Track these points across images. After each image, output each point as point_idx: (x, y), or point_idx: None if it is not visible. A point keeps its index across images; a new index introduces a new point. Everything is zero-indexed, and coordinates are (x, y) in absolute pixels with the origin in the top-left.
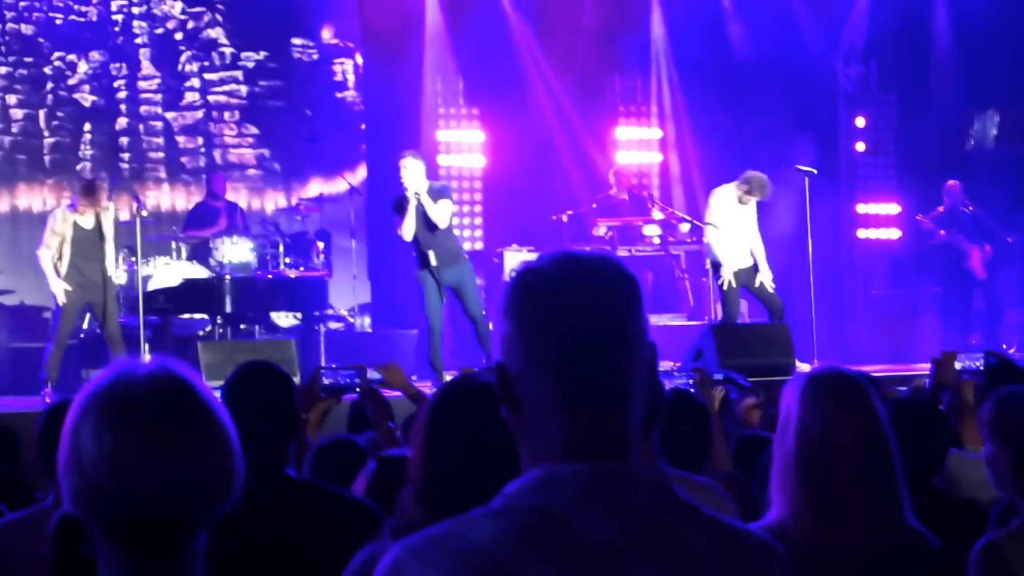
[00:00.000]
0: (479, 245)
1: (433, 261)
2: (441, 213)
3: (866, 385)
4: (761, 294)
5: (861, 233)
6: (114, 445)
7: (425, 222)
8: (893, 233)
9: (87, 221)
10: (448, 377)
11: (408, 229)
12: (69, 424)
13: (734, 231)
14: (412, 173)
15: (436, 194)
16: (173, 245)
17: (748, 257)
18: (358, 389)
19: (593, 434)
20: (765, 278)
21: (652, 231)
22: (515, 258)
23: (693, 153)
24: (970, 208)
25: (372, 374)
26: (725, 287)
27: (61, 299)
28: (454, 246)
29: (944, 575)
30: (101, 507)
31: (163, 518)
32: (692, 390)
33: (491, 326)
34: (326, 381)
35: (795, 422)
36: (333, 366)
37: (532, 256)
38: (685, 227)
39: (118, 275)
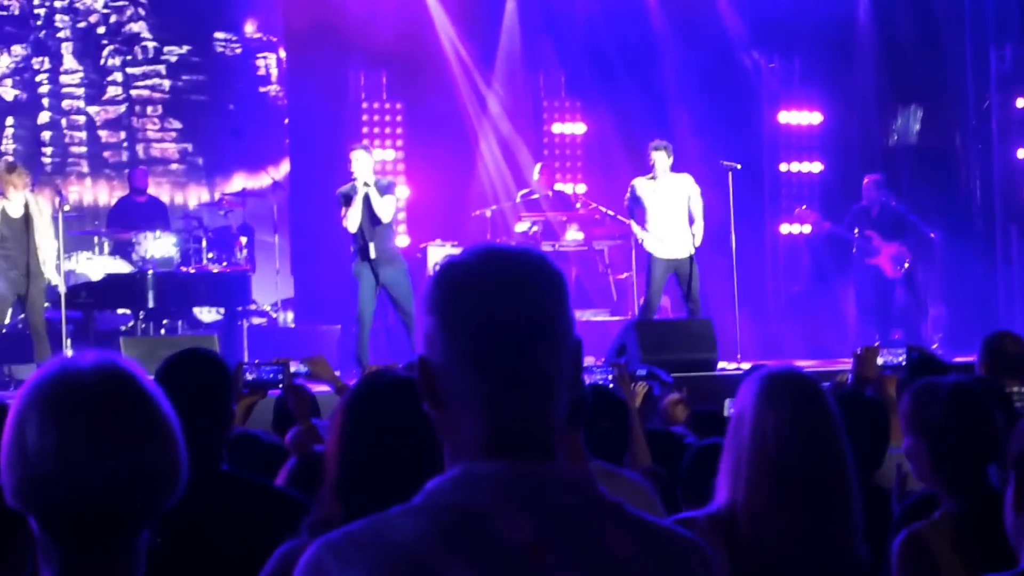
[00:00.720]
0: (403, 241)
1: (372, 254)
2: (386, 207)
3: (821, 388)
4: (687, 286)
5: (784, 228)
6: (59, 436)
7: (369, 215)
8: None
9: (14, 209)
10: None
11: (353, 220)
12: (13, 416)
13: (656, 220)
14: (362, 165)
15: (383, 189)
16: (95, 240)
17: (678, 248)
18: (280, 385)
19: (515, 431)
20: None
21: (575, 227)
22: (438, 253)
23: (617, 148)
24: (894, 203)
25: (298, 367)
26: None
27: None
28: (393, 246)
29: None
30: (45, 499)
31: (107, 511)
32: (611, 385)
33: None
34: (248, 377)
35: (749, 420)
36: (256, 361)
37: (456, 251)
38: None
39: (48, 268)
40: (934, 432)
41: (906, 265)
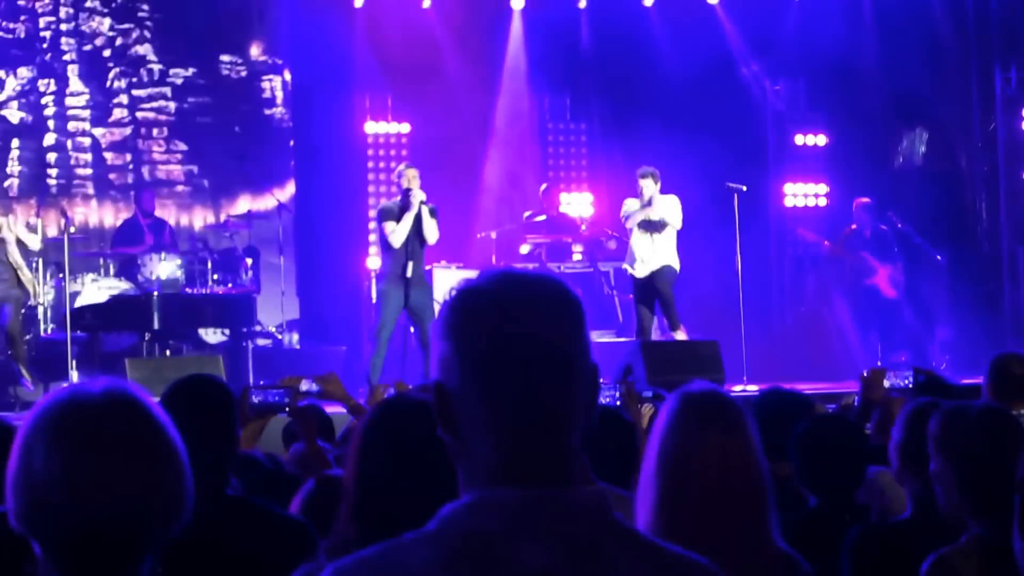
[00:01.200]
0: None
1: (409, 272)
2: (434, 229)
3: (738, 407)
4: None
5: (790, 249)
6: (67, 462)
7: (416, 234)
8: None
9: None
10: (381, 390)
11: (400, 235)
12: (20, 440)
13: (639, 241)
14: (417, 183)
15: (431, 212)
16: (101, 262)
17: (653, 265)
18: (287, 408)
19: (530, 458)
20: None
21: (580, 248)
22: (444, 275)
23: (622, 169)
24: (899, 225)
25: (310, 385)
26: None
27: None
28: (423, 271)
29: None
30: (51, 525)
31: (113, 538)
32: (619, 403)
33: None
34: (255, 400)
35: (659, 438)
36: (262, 383)
37: (462, 274)
38: (613, 244)
39: (45, 292)
40: (963, 456)
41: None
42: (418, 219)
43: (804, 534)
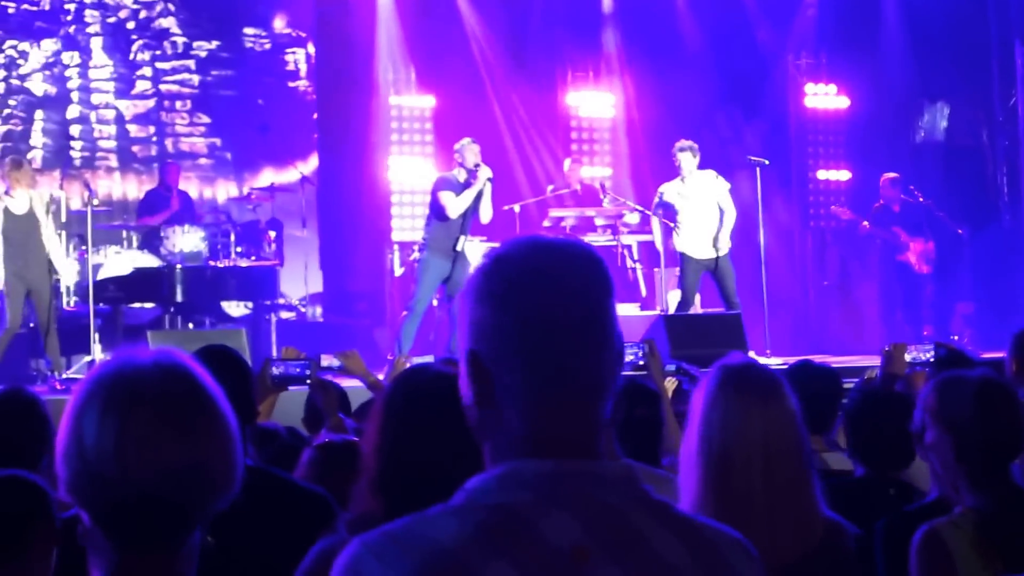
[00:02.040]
0: None
1: (460, 246)
2: (490, 207)
3: (777, 378)
4: (723, 284)
5: (812, 223)
6: (118, 432)
7: (473, 209)
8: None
9: (19, 206)
10: (404, 360)
11: (460, 207)
12: (71, 410)
13: (688, 222)
14: (479, 157)
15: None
16: (124, 234)
17: (710, 247)
18: (308, 380)
19: (562, 429)
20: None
21: (603, 221)
22: (468, 247)
23: (643, 140)
24: (921, 199)
25: (331, 360)
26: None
27: (1, 284)
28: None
29: (864, 561)
30: (101, 495)
31: (164, 508)
32: (641, 363)
33: None
34: (275, 372)
35: (700, 413)
36: (284, 353)
37: (486, 246)
38: (634, 217)
39: (69, 263)
40: (960, 426)
41: (931, 261)
42: (478, 195)
43: (848, 502)
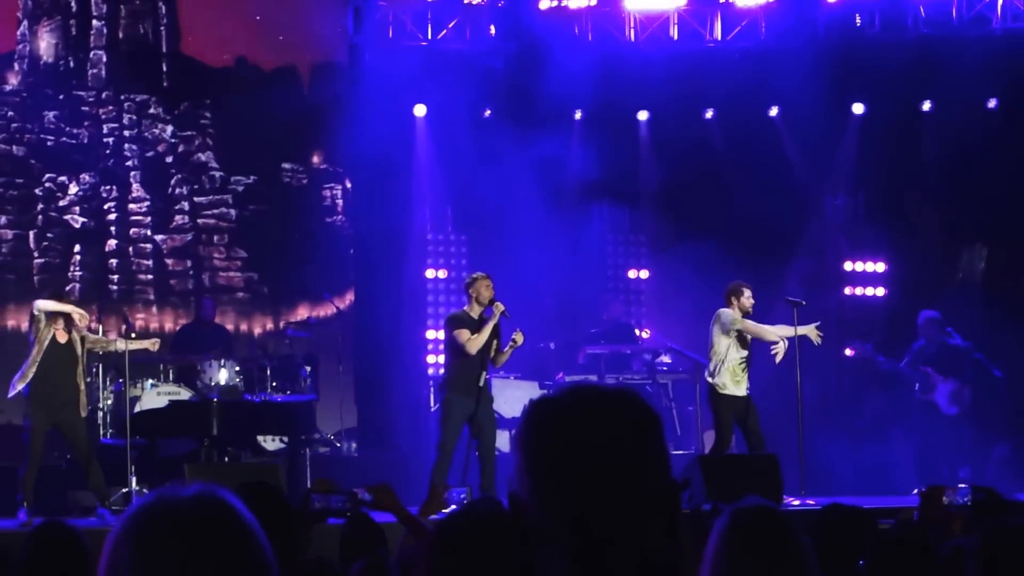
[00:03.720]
0: None
1: (481, 382)
2: (504, 353)
3: (790, 527)
4: (748, 428)
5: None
6: (155, 568)
7: (489, 345)
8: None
9: (62, 336)
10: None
11: (478, 343)
12: (109, 546)
13: (739, 359)
14: (493, 293)
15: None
16: (160, 367)
17: (744, 387)
18: (348, 515)
19: (601, 572)
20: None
21: (639, 360)
22: (501, 386)
23: (682, 278)
24: (952, 341)
25: (362, 495)
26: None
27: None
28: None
29: None
30: None
31: None
32: None
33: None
34: (316, 505)
35: (710, 560)
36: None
37: (518, 384)
38: (668, 358)
39: (104, 397)
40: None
41: (963, 403)
42: (494, 330)
43: None
